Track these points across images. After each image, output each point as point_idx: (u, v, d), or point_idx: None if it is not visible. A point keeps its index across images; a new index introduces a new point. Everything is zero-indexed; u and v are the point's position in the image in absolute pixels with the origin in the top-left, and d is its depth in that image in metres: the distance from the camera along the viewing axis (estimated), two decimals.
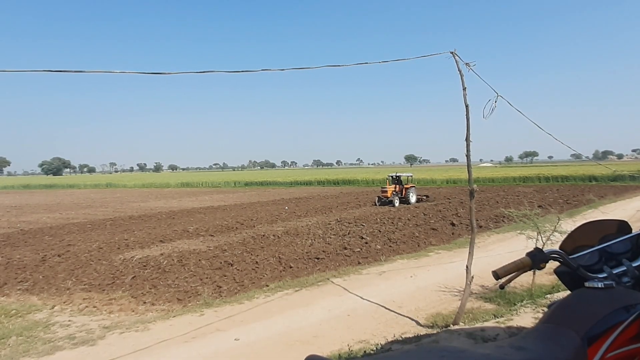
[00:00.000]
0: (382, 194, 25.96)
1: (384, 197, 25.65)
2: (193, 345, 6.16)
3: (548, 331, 1.35)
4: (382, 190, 26.33)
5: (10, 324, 7.49)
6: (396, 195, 25.71)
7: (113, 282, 10.19)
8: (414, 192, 27.10)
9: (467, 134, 6.46)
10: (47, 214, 27.25)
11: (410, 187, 26.99)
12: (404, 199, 26.10)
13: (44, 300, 9.00)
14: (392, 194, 25.66)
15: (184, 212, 25.54)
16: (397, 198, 25.38)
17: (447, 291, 8.25)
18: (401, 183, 27.11)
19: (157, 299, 8.83)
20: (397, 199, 25.40)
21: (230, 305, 7.96)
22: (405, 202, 26.06)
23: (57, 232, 18.40)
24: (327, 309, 7.51)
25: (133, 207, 30.02)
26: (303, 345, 6.00)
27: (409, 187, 26.86)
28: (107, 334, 6.69)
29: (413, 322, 6.66)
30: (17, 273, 11.29)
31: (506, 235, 14.15)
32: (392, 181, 27.48)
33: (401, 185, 26.89)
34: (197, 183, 64.89)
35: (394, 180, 27.48)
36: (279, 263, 11.38)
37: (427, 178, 50.60)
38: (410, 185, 27.44)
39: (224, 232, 16.83)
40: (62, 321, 7.53)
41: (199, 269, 10.98)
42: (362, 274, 10.02)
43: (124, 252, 13.37)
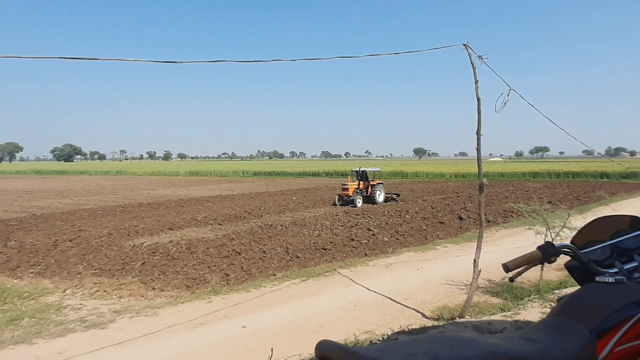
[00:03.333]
0: (342, 192, 22.23)
1: (344, 195, 22.03)
2: (201, 331, 6.26)
3: (557, 324, 1.36)
4: (342, 187, 22.46)
5: (23, 306, 7.66)
6: (359, 193, 22.24)
7: (123, 267, 10.34)
8: (382, 190, 23.48)
9: (478, 128, 6.42)
10: (59, 199, 27.62)
11: (378, 184, 23.39)
12: (369, 198, 22.63)
13: (56, 283, 9.18)
14: (354, 192, 22.07)
15: (193, 200, 25.74)
16: (360, 197, 21.85)
17: (454, 285, 8.26)
18: (367, 179, 23.48)
19: (165, 285, 8.96)
20: (360, 198, 21.87)
21: (237, 293, 8.06)
22: (370, 201, 22.58)
23: (68, 218, 18.67)
24: (333, 299, 7.57)
25: (143, 195, 30.30)
26: (309, 333, 6.07)
27: (376, 184, 23.29)
28: (118, 318, 6.82)
29: (419, 314, 6.69)
30: (30, 257, 11.50)
31: (514, 230, 14.08)
32: (356, 176, 23.54)
33: (367, 181, 23.32)
34: (206, 172, 65.23)
35: (358, 176, 23.50)
36: (286, 253, 11.46)
37: (436, 171, 50.38)
38: (378, 182, 23.74)
39: (232, 221, 16.95)
40: (73, 304, 7.69)
41: (207, 256, 11.10)
42: (368, 265, 10.06)
43: (134, 239, 13.54)
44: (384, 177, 51.00)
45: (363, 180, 23.18)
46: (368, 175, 23.72)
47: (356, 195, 21.74)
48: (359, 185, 22.72)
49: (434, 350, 1.01)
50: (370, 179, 23.61)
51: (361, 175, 23.33)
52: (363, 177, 23.36)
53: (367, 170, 23.93)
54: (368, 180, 23.36)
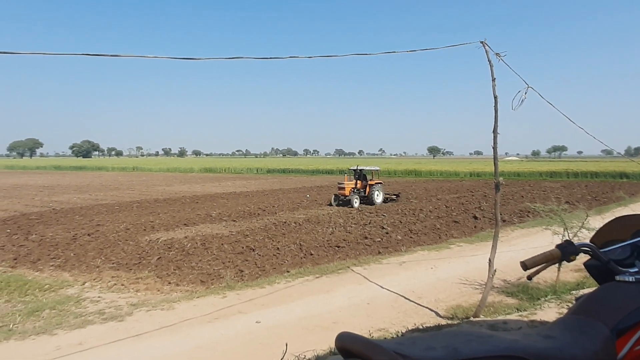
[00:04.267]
0: (338, 191, 21.42)
1: (341, 195, 21.17)
2: (216, 326, 6.34)
3: (576, 322, 1.36)
4: (339, 187, 21.64)
5: (44, 298, 7.87)
6: (356, 193, 21.23)
7: (139, 262, 10.52)
8: (381, 190, 22.43)
9: (495, 126, 6.36)
10: (77, 194, 28.18)
11: (376, 184, 22.29)
12: (367, 198, 21.69)
13: (75, 276, 9.39)
14: (350, 191, 21.16)
15: (207, 197, 26.00)
16: (356, 197, 20.85)
17: (468, 284, 8.21)
18: (365, 178, 22.43)
19: (181, 280, 9.09)
20: (357, 198, 20.92)
21: (251, 289, 8.14)
22: (368, 202, 21.61)
23: (86, 212, 19.05)
24: (347, 297, 7.59)
25: (158, 191, 30.72)
26: (323, 330, 6.10)
27: (375, 184, 22.19)
28: (135, 311, 6.95)
29: (433, 313, 6.67)
30: (50, 250, 11.78)
31: (531, 230, 13.90)
32: (354, 176, 22.51)
33: (364, 181, 22.25)
34: (220, 169, 65.76)
35: (356, 175, 22.46)
36: (299, 250, 11.51)
37: (450, 170, 49.92)
38: (376, 182, 22.58)
39: (246, 218, 17.09)
40: (92, 297, 7.86)
41: (222, 252, 11.22)
42: (382, 263, 10.05)
43: (150, 234, 13.76)
44: (398, 175, 50.82)
45: (361, 179, 22.18)
46: (366, 175, 22.78)
47: (353, 195, 20.81)
48: (356, 184, 21.75)
49: (453, 344, 1.03)
50: (369, 179, 22.62)
51: (359, 175, 22.33)
52: (361, 176, 22.34)
53: (365, 169, 22.95)
54: (366, 180, 22.34)
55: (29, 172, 65.61)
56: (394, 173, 52.45)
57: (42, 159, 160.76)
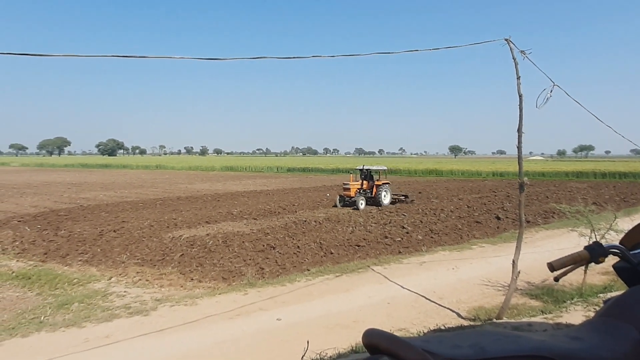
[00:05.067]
0: (344, 192, 20.49)
1: (346, 196, 20.28)
2: (237, 322, 6.44)
3: (605, 324, 1.34)
4: (344, 188, 20.68)
5: (73, 292, 8.13)
6: (362, 194, 20.30)
7: (163, 258, 10.75)
8: (389, 191, 21.28)
9: (520, 125, 6.25)
10: (103, 191, 28.94)
11: (383, 184, 21.18)
12: (374, 199, 20.67)
13: (102, 271, 9.67)
14: (356, 192, 20.25)
15: (228, 195, 26.32)
16: (362, 198, 19.78)
17: (491, 285, 8.09)
18: (372, 178, 21.43)
19: (203, 277, 9.25)
20: (363, 199, 19.84)
21: (272, 286, 8.22)
22: (375, 203, 20.59)
23: (112, 209, 19.56)
24: (367, 296, 7.59)
25: (180, 189, 31.25)
26: (343, 329, 6.12)
27: (382, 184, 21.10)
28: (159, 306, 7.12)
29: (454, 314, 6.61)
30: (78, 245, 12.16)
31: (555, 231, 13.59)
32: (360, 175, 21.55)
33: (371, 181, 21.25)
34: (241, 167, 66.42)
35: (362, 175, 21.52)
36: (320, 248, 11.56)
37: (472, 170, 49.14)
38: (383, 182, 21.45)
39: (266, 216, 17.24)
40: (118, 291, 8.09)
41: (243, 250, 11.36)
42: (402, 263, 10.00)
43: (173, 231, 14.03)
44: (418, 175, 50.33)
45: (367, 179, 21.23)
46: (373, 175, 21.81)
47: (359, 196, 19.88)
48: (362, 185, 20.81)
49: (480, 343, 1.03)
50: (375, 179, 21.59)
51: (365, 175, 21.41)
52: (367, 176, 21.40)
53: (372, 169, 21.96)
54: (373, 180, 21.31)
55: (57, 170, 67.67)
56: (415, 172, 51.96)
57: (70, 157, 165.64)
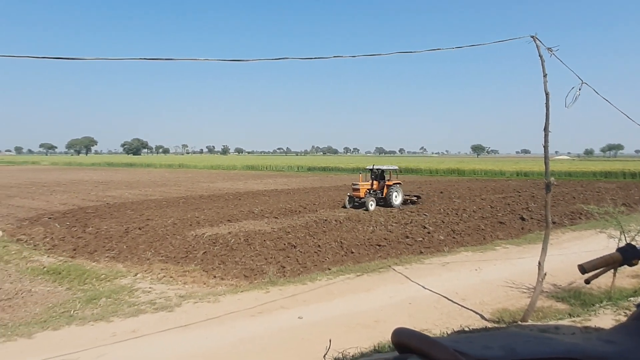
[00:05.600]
0: (353, 193, 19.75)
1: (355, 197, 19.56)
2: (259, 320, 6.52)
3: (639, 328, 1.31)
4: (353, 188, 19.91)
5: (101, 287, 8.38)
6: (372, 194, 19.64)
7: (186, 255, 10.96)
8: (400, 191, 20.46)
9: (546, 124, 6.13)
10: (129, 190, 29.64)
11: (394, 184, 20.38)
12: (385, 200, 19.98)
13: (128, 267, 9.93)
14: (366, 193, 19.51)
15: (250, 194, 26.59)
16: (372, 199, 19.15)
17: (515, 287, 7.95)
18: (382, 178, 20.66)
19: (225, 274, 9.39)
20: (373, 200, 19.21)
21: (293, 285, 8.28)
22: (385, 204, 19.86)
23: (137, 207, 20.01)
24: (388, 296, 7.56)
25: (203, 187, 31.72)
26: (364, 328, 6.12)
27: (393, 184, 20.31)
28: (183, 303, 7.26)
29: (477, 316, 6.53)
30: (105, 242, 12.50)
31: (583, 233, 13.24)
32: (371, 175, 20.73)
33: (382, 181, 20.48)
34: (262, 166, 66.95)
35: (372, 175, 20.72)
36: (340, 248, 11.57)
37: (495, 169, 48.26)
38: (394, 182, 20.60)
39: (287, 215, 17.34)
40: (143, 287, 8.29)
41: (264, 248, 11.47)
42: (424, 263, 9.92)
43: (196, 229, 14.27)
44: (440, 174, 49.72)
45: (378, 179, 20.48)
46: (384, 174, 21.00)
47: (368, 196, 19.23)
48: (372, 185, 20.05)
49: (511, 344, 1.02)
50: (386, 178, 20.82)
51: (376, 174, 20.63)
52: (378, 176, 20.64)
53: (383, 169, 21.11)
54: (384, 180, 20.55)
55: (85, 169, 69.64)
56: (436, 172, 51.38)
57: (97, 156, 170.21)
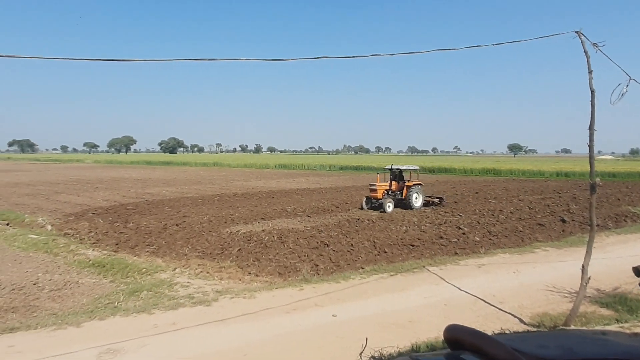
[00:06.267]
0: (370, 194, 18.95)
1: (373, 198, 18.74)
2: (294, 317, 6.60)
3: None
4: (370, 189, 19.13)
5: (142, 280, 8.72)
6: (390, 195, 18.80)
7: (222, 252, 11.23)
8: (421, 192, 19.40)
9: (592, 122, 5.90)
10: (166, 187, 30.60)
11: (415, 185, 19.35)
12: (404, 202, 19.04)
13: (167, 262, 10.29)
14: (383, 194, 18.64)
15: (282, 192, 26.88)
16: (390, 200, 18.22)
17: (556, 291, 7.69)
18: (402, 179, 19.75)
19: (260, 271, 9.56)
20: (391, 201, 18.28)
21: (327, 283, 8.33)
22: (405, 205, 18.91)
23: (174, 204, 20.64)
24: (422, 296, 7.49)
25: (237, 186, 32.33)
26: (398, 328, 6.09)
27: (413, 185, 19.32)
28: (220, 298, 7.45)
29: (516, 319, 6.36)
30: (145, 237, 12.98)
31: (629, 236, 12.65)
32: (390, 175, 19.81)
33: (401, 181, 19.61)
34: (294, 165, 67.46)
35: (391, 175, 19.79)
36: (373, 247, 11.53)
37: (534, 169, 46.62)
38: (415, 183, 19.60)
39: (319, 214, 17.43)
40: (182, 282, 8.57)
41: (297, 246, 11.58)
42: (459, 264, 9.75)
43: (230, 226, 14.58)
44: (475, 174, 48.50)
45: (397, 180, 19.59)
46: (404, 174, 20.10)
47: (386, 197, 18.36)
48: (390, 186, 19.23)
49: (567, 344, 1.02)
50: (406, 179, 19.95)
51: (395, 175, 19.71)
52: (397, 176, 19.72)
53: (403, 169, 20.19)
54: (403, 181, 19.65)
55: (125, 167, 72.33)
56: (471, 172, 50.15)
57: (136, 155, 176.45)
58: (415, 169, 20.78)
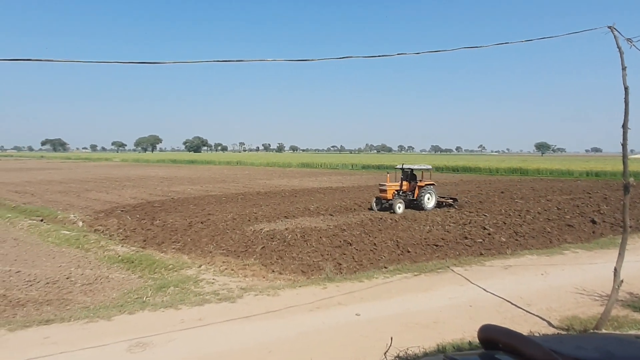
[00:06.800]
0: (380, 194, 18.45)
1: (383, 199, 18.24)
2: (317, 315, 6.64)
3: None
4: (380, 189, 18.66)
5: (169, 276, 8.93)
6: (400, 196, 18.19)
7: (246, 250, 11.37)
8: (434, 193, 18.73)
9: (625, 120, 5.72)
10: (191, 185, 31.16)
11: (427, 186, 18.72)
12: (416, 203, 18.44)
13: (193, 259, 10.49)
14: (393, 194, 18.09)
15: (305, 191, 26.99)
16: (400, 201, 17.62)
17: (586, 294, 7.48)
18: (414, 179, 19.16)
19: (283, 269, 9.65)
20: (402, 202, 17.66)
21: (350, 282, 8.33)
22: (417, 206, 18.33)
23: (199, 202, 21.02)
24: (447, 297, 7.41)
25: (260, 184, 32.65)
26: (422, 328, 6.05)
27: (425, 185, 18.71)
28: (244, 295, 7.56)
29: (544, 322, 6.22)
30: (171, 234, 13.27)
31: None
32: (402, 176, 19.14)
33: (413, 182, 19.03)
34: (316, 164, 67.61)
35: (403, 174, 19.16)
36: (396, 247, 11.47)
37: (562, 169, 45.34)
38: (427, 183, 19.00)
39: (342, 213, 17.44)
40: (207, 278, 8.73)
41: (320, 245, 11.63)
42: (484, 265, 9.59)
43: (254, 224, 14.75)
44: (500, 173, 47.51)
45: (408, 180, 19.00)
46: (415, 174, 19.50)
47: (396, 198, 17.79)
48: (401, 186, 18.59)
49: (606, 347, 1.00)
50: (418, 179, 19.35)
51: (406, 174, 19.13)
52: (409, 176, 19.15)
53: (414, 168, 19.55)
54: (415, 181, 19.07)
55: (151, 165, 74.08)
56: (496, 171, 49.13)
57: (161, 154, 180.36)
58: (428, 169, 20.27)
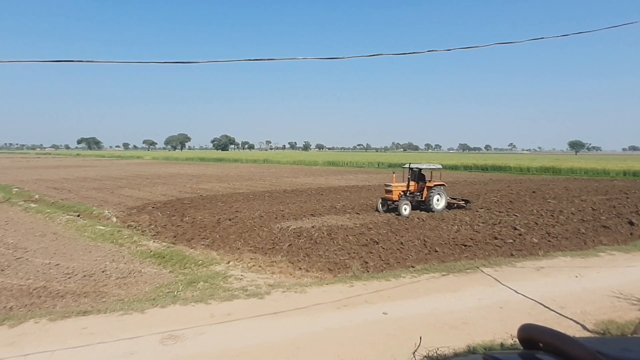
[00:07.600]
0: (386, 195, 17.64)
1: (388, 199, 17.45)
2: (344, 313, 6.66)
3: None
4: (386, 190, 17.79)
5: (198, 272, 9.14)
6: (407, 197, 17.35)
7: (273, 247, 11.50)
8: (443, 194, 17.76)
9: None
10: (219, 183, 31.69)
11: (436, 186, 17.81)
12: (424, 204, 17.62)
13: (221, 255, 10.69)
14: (399, 195, 17.26)
15: (331, 189, 27.01)
16: (407, 202, 16.67)
17: (623, 298, 7.21)
18: (422, 179, 18.28)
19: (310, 267, 9.71)
20: (408, 203, 16.70)
21: (377, 280, 8.31)
22: (425, 208, 17.52)
23: (227, 200, 21.37)
24: (476, 298, 7.29)
25: (286, 182, 32.88)
26: (451, 329, 5.98)
27: (434, 186, 17.79)
28: (272, 291, 7.66)
29: (578, 326, 6.04)
30: (200, 231, 13.56)
31: None
32: (410, 176, 18.24)
33: (421, 182, 18.16)
34: (342, 162, 67.47)
35: (411, 174, 18.32)
36: (424, 246, 11.35)
37: (598, 168, 43.64)
38: (436, 183, 18.10)
39: (368, 211, 17.38)
40: (236, 275, 8.89)
41: (347, 243, 11.64)
42: (515, 266, 9.38)
43: (281, 222, 14.89)
44: (532, 173, 46.18)
45: (416, 180, 18.18)
46: (424, 174, 18.66)
47: (402, 199, 16.88)
48: (408, 186, 17.74)
49: None
50: (427, 179, 18.51)
51: (415, 174, 18.33)
52: (417, 176, 18.32)
53: (422, 167, 18.55)
54: (424, 181, 18.24)
55: (180, 163, 75.69)
56: (527, 170, 47.78)
57: (190, 152, 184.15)
58: (438, 168, 19.15)
